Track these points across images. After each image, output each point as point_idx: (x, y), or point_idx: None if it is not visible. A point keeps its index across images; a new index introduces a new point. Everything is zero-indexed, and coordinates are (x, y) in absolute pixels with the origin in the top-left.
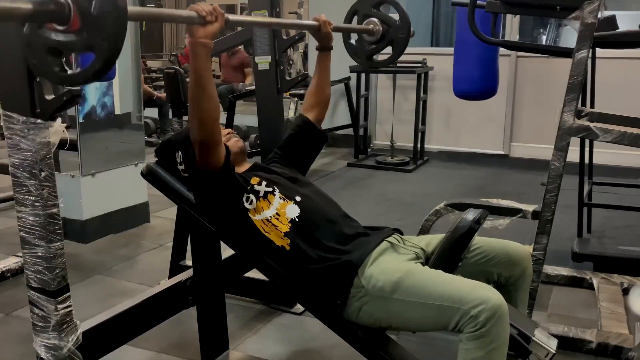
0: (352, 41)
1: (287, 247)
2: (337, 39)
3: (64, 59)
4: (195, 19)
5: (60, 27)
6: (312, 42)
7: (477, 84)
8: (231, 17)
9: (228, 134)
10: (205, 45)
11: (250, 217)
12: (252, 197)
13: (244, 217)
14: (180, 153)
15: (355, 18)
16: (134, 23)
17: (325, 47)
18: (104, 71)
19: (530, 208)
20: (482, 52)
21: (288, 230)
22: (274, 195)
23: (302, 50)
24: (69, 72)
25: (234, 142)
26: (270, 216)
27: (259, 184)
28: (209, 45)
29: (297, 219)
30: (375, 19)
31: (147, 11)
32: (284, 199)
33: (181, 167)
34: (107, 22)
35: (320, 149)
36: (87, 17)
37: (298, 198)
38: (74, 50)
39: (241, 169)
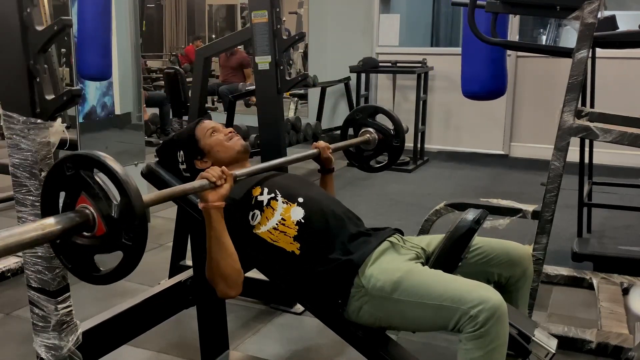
0: (352, 148)
1: (297, 252)
2: (339, 24)
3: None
4: (206, 186)
5: (88, 234)
6: (312, 43)
7: (486, 84)
8: (238, 172)
9: (229, 132)
10: (219, 208)
11: (256, 232)
12: (256, 212)
13: (249, 233)
14: (182, 153)
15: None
16: (134, 22)
17: (327, 170)
18: (133, 267)
19: (530, 208)
20: (491, 52)
21: (296, 233)
22: (277, 200)
23: (302, 50)
24: (102, 271)
25: (236, 141)
26: (277, 223)
27: (261, 193)
28: (222, 207)
29: (302, 220)
30: (370, 129)
31: (161, 194)
32: (287, 203)
33: (183, 167)
34: (129, 224)
35: None
36: (110, 221)
37: (301, 199)
38: (103, 252)
39: (242, 169)
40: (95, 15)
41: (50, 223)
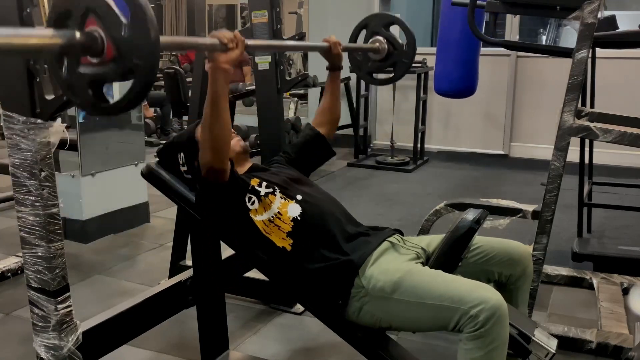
0: (357, 55)
1: (289, 248)
2: (339, 24)
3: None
4: (217, 46)
5: (96, 60)
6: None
7: (455, 83)
8: (250, 42)
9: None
10: (225, 71)
11: (252, 217)
12: (253, 197)
13: (246, 217)
14: (182, 155)
15: (364, 32)
16: None
17: (335, 67)
18: (145, 93)
19: (530, 208)
20: (462, 53)
21: (290, 229)
22: (275, 195)
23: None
24: (112, 101)
25: (236, 142)
26: (272, 216)
27: (259, 185)
28: (229, 72)
29: (299, 218)
30: (382, 38)
31: (173, 40)
32: (284, 199)
33: (184, 169)
34: (141, 43)
35: (324, 163)
36: (120, 43)
37: (299, 197)
38: (114, 79)
39: (242, 169)
40: None
41: (57, 34)
